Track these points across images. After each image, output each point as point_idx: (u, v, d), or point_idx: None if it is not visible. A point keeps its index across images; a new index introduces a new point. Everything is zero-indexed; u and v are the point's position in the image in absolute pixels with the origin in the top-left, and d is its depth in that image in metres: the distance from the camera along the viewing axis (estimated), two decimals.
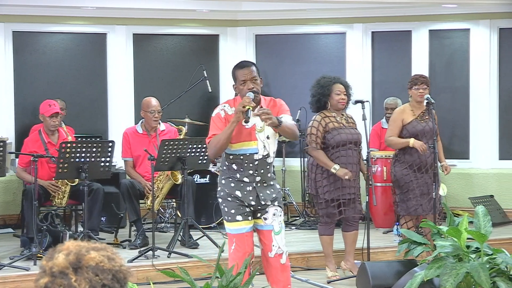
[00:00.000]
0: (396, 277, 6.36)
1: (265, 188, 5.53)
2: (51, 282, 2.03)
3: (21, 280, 6.91)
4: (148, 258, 7.41)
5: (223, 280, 4.82)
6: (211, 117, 5.51)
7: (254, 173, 5.49)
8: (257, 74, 5.49)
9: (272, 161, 5.56)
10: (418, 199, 7.58)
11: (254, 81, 5.43)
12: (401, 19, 10.25)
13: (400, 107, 8.09)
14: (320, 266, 7.68)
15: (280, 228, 5.56)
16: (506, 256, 5.59)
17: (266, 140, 5.49)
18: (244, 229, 5.51)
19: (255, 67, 5.53)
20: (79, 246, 2.09)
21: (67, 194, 7.99)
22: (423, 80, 7.73)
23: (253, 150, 5.45)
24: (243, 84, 5.43)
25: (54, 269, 2.04)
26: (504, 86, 10.05)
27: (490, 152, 10.07)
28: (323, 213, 7.29)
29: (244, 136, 5.45)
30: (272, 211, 5.54)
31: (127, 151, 8.42)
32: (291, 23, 10.62)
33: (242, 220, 5.50)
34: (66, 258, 2.05)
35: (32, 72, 9.96)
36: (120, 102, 10.24)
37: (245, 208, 5.52)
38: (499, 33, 10.02)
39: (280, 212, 5.59)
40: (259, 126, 5.47)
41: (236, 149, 5.47)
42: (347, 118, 7.38)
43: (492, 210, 9.30)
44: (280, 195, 5.66)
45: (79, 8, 9.81)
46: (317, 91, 7.32)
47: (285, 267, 5.59)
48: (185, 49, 10.69)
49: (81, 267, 2.04)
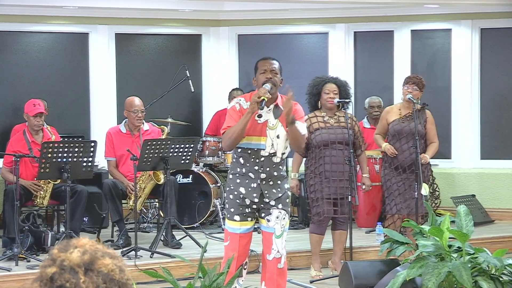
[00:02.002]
0: (378, 277, 6.38)
1: (270, 186, 5.51)
2: (59, 274, 2.00)
3: (3, 280, 6.87)
4: (130, 258, 7.39)
5: (205, 280, 4.82)
6: (227, 110, 5.55)
7: (259, 170, 5.48)
8: (279, 71, 5.51)
9: (279, 161, 5.51)
10: (404, 198, 7.62)
11: (273, 73, 5.45)
12: (383, 19, 10.28)
13: (391, 105, 8.20)
14: (304, 266, 7.70)
15: (281, 232, 5.55)
16: (487, 256, 5.61)
17: (276, 138, 5.47)
18: (239, 229, 5.53)
19: (279, 64, 5.56)
20: (95, 248, 2.07)
21: (49, 193, 7.96)
22: (415, 80, 7.79)
23: (261, 146, 5.45)
24: (263, 73, 5.46)
25: (65, 262, 2.01)
26: (486, 86, 10.10)
27: (471, 152, 10.12)
28: (314, 212, 7.32)
29: (255, 131, 5.44)
30: (275, 213, 5.53)
31: (110, 151, 8.39)
32: (273, 23, 10.62)
33: (239, 220, 5.52)
34: (81, 256, 2.03)
35: (13, 72, 9.90)
36: (102, 102, 10.20)
37: (245, 208, 5.52)
38: (481, 33, 10.07)
39: (284, 215, 5.55)
40: (271, 123, 5.47)
41: (245, 143, 5.46)
42: (339, 118, 7.36)
43: (474, 210, 9.35)
44: (287, 196, 5.61)
45: (61, 7, 9.77)
46: (308, 90, 7.43)
47: (282, 271, 5.60)
48: (168, 49, 10.67)
49: (92, 270, 2.02)
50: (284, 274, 5.65)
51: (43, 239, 7.64)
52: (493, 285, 5.48)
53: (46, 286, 2.00)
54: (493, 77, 10.11)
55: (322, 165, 7.23)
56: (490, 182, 9.98)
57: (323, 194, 7.21)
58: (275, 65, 5.51)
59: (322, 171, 7.22)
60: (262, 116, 5.43)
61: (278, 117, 5.48)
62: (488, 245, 6.90)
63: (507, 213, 9.86)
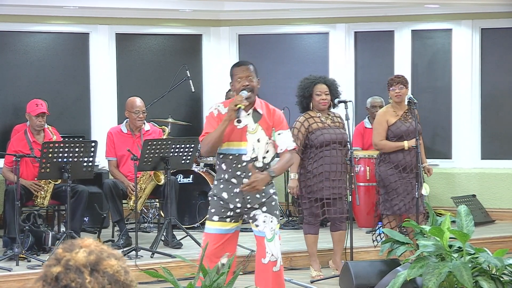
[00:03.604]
0: (379, 277, 6.38)
1: (254, 200, 5.53)
2: (64, 273, 1.99)
3: (3, 280, 6.87)
4: (131, 258, 7.39)
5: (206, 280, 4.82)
6: (206, 116, 5.59)
7: (242, 175, 5.50)
8: (255, 74, 5.53)
9: (261, 166, 5.51)
10: (402, 199, 7.61)
11: (249, 79, 5.47)
12: (384, 19, 10.28)
13: (382, 109, 8.10)
14: (304, 266, 7.70)
15: (272, 235, 5.54)
16: (488, 256, 5.62)
17: (256, 143, 5.49)
18: (216, 229, 5.55)
19: (253, 67, 5.57)
20: (101, 249, 2.06)
21: (49, 193, 7.96)
22: (398, 80, 7.76)
23: (242, 151, 5.47)
24: (239, 81, 5.47)
25: (70, 262, 2.01)
26: (486, 86, 10.10)
27: (472, 152, 10.12)
28: (308, 212, 7.31)
29: (235, 136, 5.47)
30: (262, 218, 5.54)
31: (111, 151, 8.39)
32: (274, 23, 10.62)
33: (217, 220, 5.54)
34: (87, 256, 2.02)
35: (14, 72, 9.90)
36: (102, 102, 10.20)
37: (227, 210, 5.54)
38: (481, 33, 10.06)
39: (270, 218, 5.55)
40: (251, 127, 5.49)
41: (226, 148, 5.49)
42: (334, 117, 7.38)
43: (474, 210, 9.34)
44: (273, 200, 5.60)
45: (61, 7, 9.76)
46: (299, 93, 7.41)
47: (277, 275, 5.59)
48: (168, 49, 10.67)
49: (98, 270, 2.01)
50: (280, 278, 5.61)
51: (44, 239, 7.65)
52: (494, 285, 5.48)
53: (50, 285, 2.00)
54: (493, 77, 10.10)
55: (322, 166, 7.23)
56: (490, 182, 9.98)
57: (322, 194, 7.21)
58: (250, 70, 5.53)
59: (322, 171, 7.22)
60: (241, 121, 5.48)
61: (257, 121, 5.52)
62: (489, 245, 6.90)
63: (507, 213, 9.86)
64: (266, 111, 5.57)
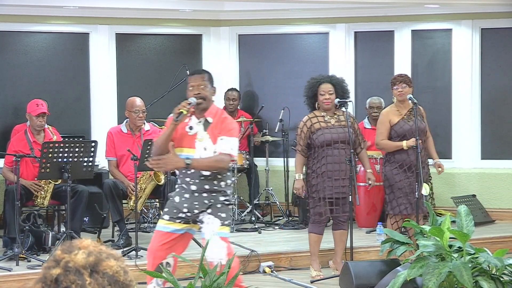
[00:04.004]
0: (379, 277, 6.38)
1: (202, 198, 5.58)
2: (64, 275, 2.00)
3: (3, 280, 6.87)
4: (131, 258, 7.39)
5: (206, 280, 4.82)
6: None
7: (190, 182, 5.59)
8: (209, 82, 5.65)
9: (209, 175, 5.55)
10: (408, 198, 7.61)
11: (201, 88, 5.60)
12: (384, 19, 10.28)
13: (386, 108, 8.10)
14: (304, 266, 7.70)
15: (211, 237, 5.48)
16: (488, 256, 5.62)
17: (203, 151, 5.57)
18: (163, 227, 5.62)
19: (208, 75, 5.69)
20: (99, 249, 2.07)
21: (49, 193, 7.96)
22: (401, 79, 7.76)
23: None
24: (190, 89, 5.64)
25: (70, 264, 2.01)
26: (486, 86, 10.10)
27: (472, 152, 10.12)
28: (313, 211, 7.32)
29: (186, 142, 5.59)
30: (205, 219, 5.59)
31: (111, 151, 8.40)
32: (274, 23, 10.62)
33: (167, 219, 5.61)
34: (86, 258, 2.02)
35: (14, 72, 9.90)
36: (102, 102, 10.20)
37: (178, 212, 5.61)
38: (481, 33, 10.07)
39: (213, 220, 5.56)
40: (200, 135, 5.60)
41: (179, 154, 5.59)
42: (339, 117, 7.36)
43: (475, 210, 9.34)
44: (219, 204, 5.59)
45: (61, 7, 9.76)
46: (305, 93, 7.43)
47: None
48: (168, 49, 10.67)
49: (98, 272, 2.02)
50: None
51: (44, 239, 7.65)
52: (494, 285, 5.48)
53: (50, 287, 2.00)
54: (493, 77, 10.10)
55: (324, 165, 7.23)
56: (490, 182, 9.98)
57: (325, 194, 7.22)
58: (203, 79, 5.65)
59: (324, 170, 7.22)
60: (193, 128, 5.60)
61: (206, 130, 5.60)
62: (489, 245, 6.91)
63: (507, 213, 9.86)
64: (217, 120, 5.62)
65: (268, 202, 10.05)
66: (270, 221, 9.78)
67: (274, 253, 7.89)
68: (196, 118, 5.62)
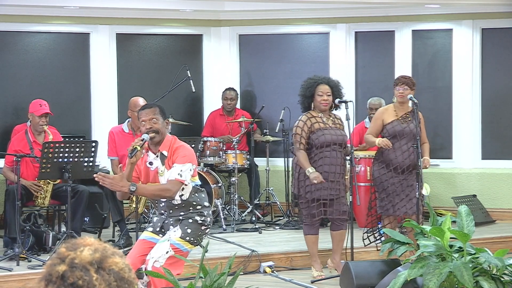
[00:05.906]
0: (379, 277, 6.38)
1: (176, 222, 5.68)
2: (70, 271, 2.01)
3: (4, 280, 6.88)
4: None
5: (206, 280, 4.82)
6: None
7: (164, 213, 5.73)
8: (160, 116, 5.64)
9: (180, 203, 5.64)
10: (391, 199, 7.60)
11: (152, 122, 5.59)
12: (384, 19, 10.28)
13: (385, 106, 8.13)
14: (304, 266, 7.70)
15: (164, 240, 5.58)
16: (488, 256, 5.61)
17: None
18: (146, 236, 5.76)
19: (159, 108, 5.69)
20: (105, 247, 2.09)
21: (49, 194, 7.96)
22: (404, 80, 7.75)
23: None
24: (143, 124, 5.63)
25: (76, 260, 2.02)
26: (487, 86, 10.10)
27: (472, 152, 10.12)
28: (306, 212, 7.31)
29: (152, 178, 5.67)
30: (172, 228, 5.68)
31: (112, 150, 8.39)
32: (274, 23, 10.62)
33: (150, 231, 5.75)
34: (92, 254, 2.04)
35: (14, 72, 9.90)
36: (103, 102, 10.20)
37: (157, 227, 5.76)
38: (482, 33, 10.07)
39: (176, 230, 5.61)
40: (160, 170, 5.65)
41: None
42: (334, 119, 7.39)
43: (475, 210, 9.35)
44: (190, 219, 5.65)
45: (61, 7, 9.77)
46: (301, 92, 7.42)
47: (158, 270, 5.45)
48: (169, 49, 10.67)
49: (103, 268, 2.03)
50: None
51: (44, 239, 7.66)
52: (494, 285, 5.48)
53: (55, 284, 2.00)
54: (494, 77, 10.10)
55: (321, 166, 7.22)
56: (491, 182, 9.98)
57: (320, 195, 7.20)
58: (154, 113, 5.64)
59: (321, 172, 7.21)
60: (152, 163, 5.65)
61: (164, 163, 5.63)
62: (489, 245, 6.90)
63: (508, 213, 9.86)
64: (171, 152, 5.64)
65: (268, 202, 10.05)
66: (270, 221, 9.78)
67: (275, 253, 7.89)
68: (153, 153, 5.66)
